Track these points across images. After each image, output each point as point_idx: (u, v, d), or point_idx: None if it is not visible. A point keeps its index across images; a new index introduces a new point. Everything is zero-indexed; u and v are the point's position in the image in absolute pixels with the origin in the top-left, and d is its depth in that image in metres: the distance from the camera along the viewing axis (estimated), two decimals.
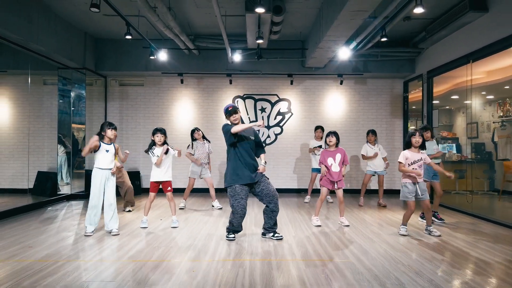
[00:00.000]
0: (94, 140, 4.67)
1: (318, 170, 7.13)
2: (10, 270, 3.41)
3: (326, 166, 5.42)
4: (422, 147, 4.81)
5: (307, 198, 7.73)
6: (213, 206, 6.80)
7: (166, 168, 5.22)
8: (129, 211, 6.34)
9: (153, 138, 5.20)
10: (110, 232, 4.74)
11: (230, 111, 4.44)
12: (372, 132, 7.29)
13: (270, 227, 4.59)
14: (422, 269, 3.49)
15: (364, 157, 7.27)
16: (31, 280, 3.15)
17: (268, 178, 4.56)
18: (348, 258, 3.84)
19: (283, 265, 3.60)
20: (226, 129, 4.40)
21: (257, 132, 4.70)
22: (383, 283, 3.14)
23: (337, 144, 5.46)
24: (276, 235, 4.59)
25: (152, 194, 5.21)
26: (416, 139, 4.74)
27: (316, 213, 5.49)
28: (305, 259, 3.80)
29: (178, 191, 8.16)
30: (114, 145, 4.83)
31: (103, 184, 4.71)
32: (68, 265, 3.55)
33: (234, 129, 4.28)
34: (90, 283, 3.10)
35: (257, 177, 4.39)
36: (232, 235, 4.56)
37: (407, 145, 4.83)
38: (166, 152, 5.16)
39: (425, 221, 5.39)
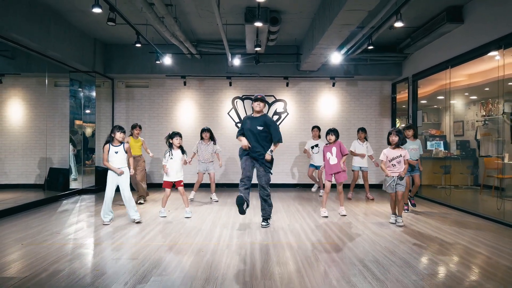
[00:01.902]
0: (105, 149, 5.31)
1: (314, 166, 7.94)
2: (47, 251, 4.01)
3: (324, 161, 5.94)
4: (401, 144, 5.33)
5: (315, 187, 8.49)
6: (211, 198, 7.43)
7: (177, 170, 5.78)
8: (141, 203, 6.94)
9: (171, 141, 5.72)
10: (134, 221, 5.37)
11: (255, 98, 5.19)
12: (362, 130, 7.87)
13: (262, 214, 5.28)
14: (396, 249, 4.13)
15: (352, 153, 7.83)
16: (67, 258, 3.77)
17: (268, 173, 5.15)
18: (334, 241, 4.48)
19: (278, 246, 4.23)
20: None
21: (268, 123, 5.15)
22: (362, 259, 3.78)
23: (336, 140, 5.89)
24: (262, 223, 5.23)
25: (167, 190, 5.81)
26: (392, 138, 5.26)
27: (323, 205, 5.92)
28: (297, 242, 4.43)
29: (188, 186, 8.79)
30: (124, 146, 5.41)
31: (115, 180, 5.33)
32: (95, 247, 4.17)
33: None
34: (117, 261, 3.72)
35: (255, 156, 5.14)
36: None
37: (388, 143, 5.43)
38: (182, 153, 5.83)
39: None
